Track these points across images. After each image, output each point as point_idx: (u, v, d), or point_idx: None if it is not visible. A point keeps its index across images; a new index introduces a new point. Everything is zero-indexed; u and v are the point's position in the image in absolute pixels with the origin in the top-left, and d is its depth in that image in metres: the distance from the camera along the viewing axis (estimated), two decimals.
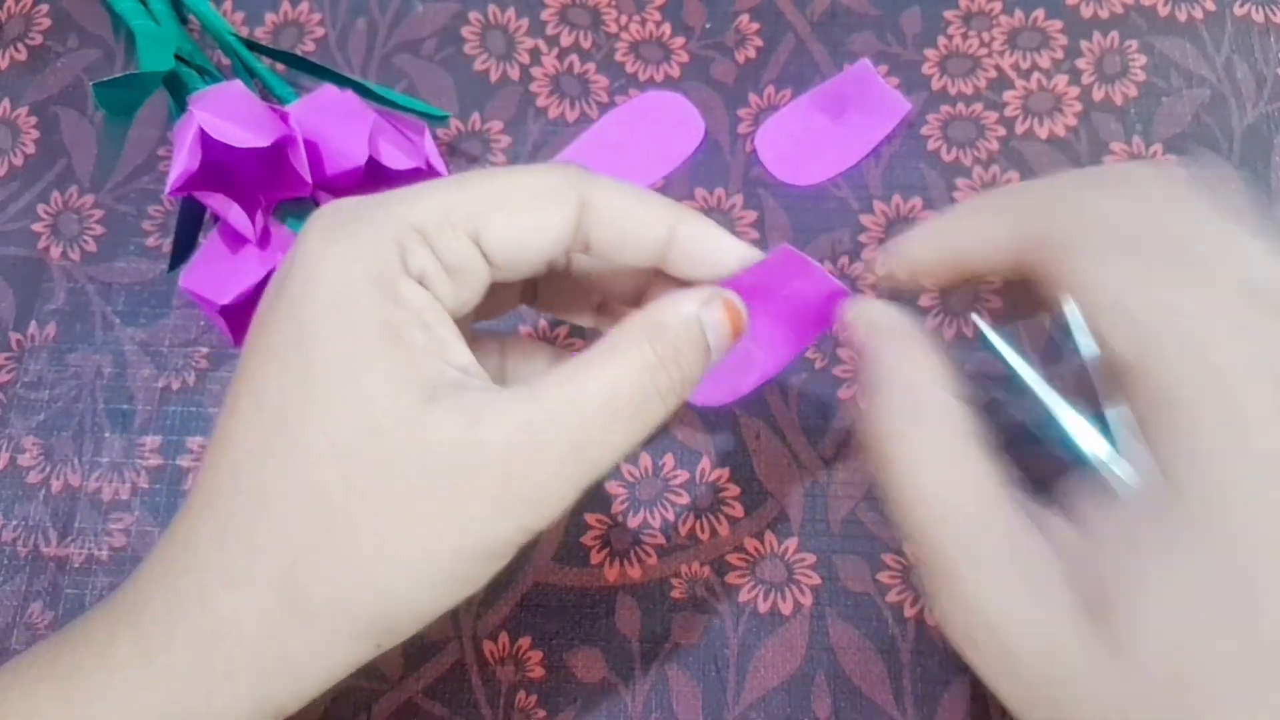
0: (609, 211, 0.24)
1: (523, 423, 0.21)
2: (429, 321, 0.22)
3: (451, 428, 0.21)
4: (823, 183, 0.40)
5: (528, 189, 0.23)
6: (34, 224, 0.40)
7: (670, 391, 0.22)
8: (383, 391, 0.21)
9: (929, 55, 0.42)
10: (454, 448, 0.21)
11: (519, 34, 0.43)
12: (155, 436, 0.37)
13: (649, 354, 0.22)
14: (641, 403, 0.22)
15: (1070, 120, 0.41)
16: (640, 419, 0.22)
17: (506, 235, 0.23)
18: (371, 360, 0.21)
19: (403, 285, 0.22)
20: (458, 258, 0.23)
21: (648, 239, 0.24)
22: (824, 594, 0.35)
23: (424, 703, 0.34)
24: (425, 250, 0.22)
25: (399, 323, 0.21)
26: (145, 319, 0.39)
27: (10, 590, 0.36)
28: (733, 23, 0.43)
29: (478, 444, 0.21)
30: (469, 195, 0.23)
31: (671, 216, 0.24)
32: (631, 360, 0.22)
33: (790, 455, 0.37)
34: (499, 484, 0.21)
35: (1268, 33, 0.42)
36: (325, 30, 0.43)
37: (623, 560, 0.36)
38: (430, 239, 0.22)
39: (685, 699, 0.34)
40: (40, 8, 0.43)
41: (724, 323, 0.24)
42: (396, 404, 0.21)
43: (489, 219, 0.23)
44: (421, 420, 0.21)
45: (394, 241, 0.22)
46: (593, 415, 0.21)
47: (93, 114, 0.42)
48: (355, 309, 0.21)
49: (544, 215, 0.23)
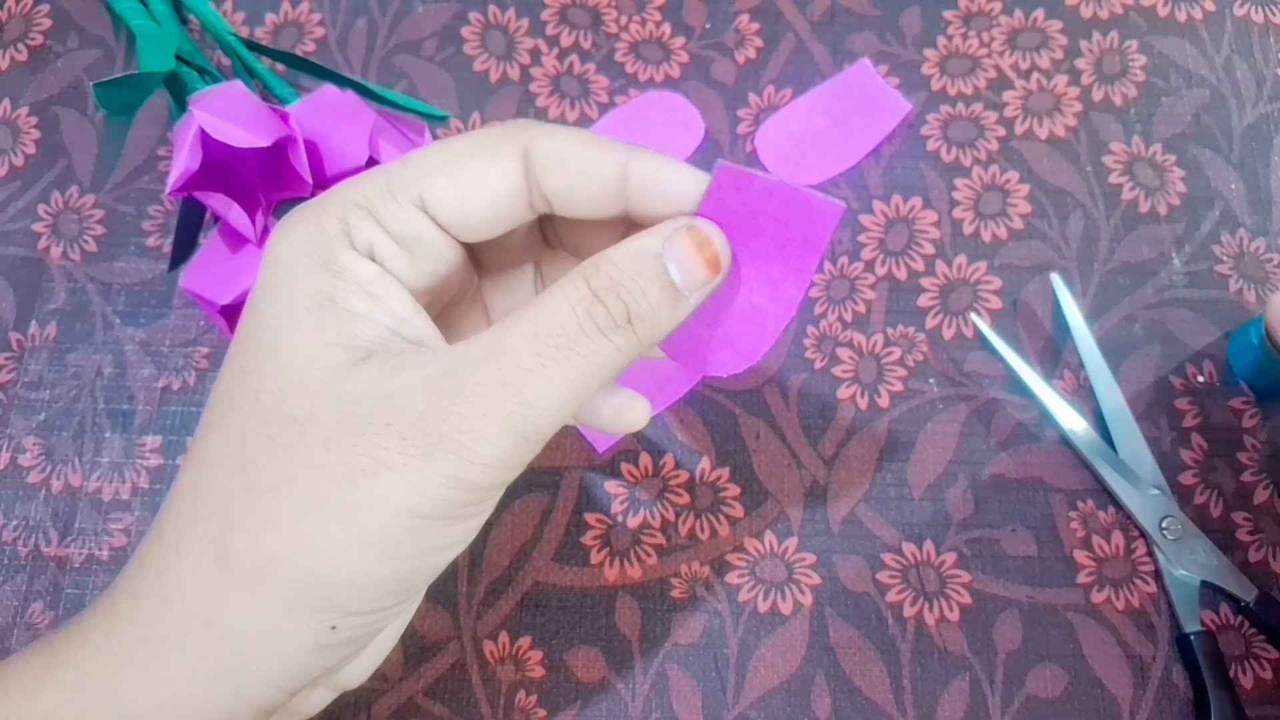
0: (555, 157, 0.23)
1: (443, 370, 0.21)
2: (377, 293, 0.22)
3: (371, 380, 0.21)
4: (823, 183, 0.40)
5: (465, 149, 0.23)
6: (34, 224, 0.40)
7: (612, 326, 0.21)
8: (309, 353, 0.21)
9: (929, 55, 0.42)
10: (369, 398, 0.20)
11: (519, 34, 0.43)
12: (155, 436, 0.37)
13: (582, 288, 0.21)
14: (575, 335, 0.21)
15: (1070, 120, 0.41)
16: (577, 355, 0.21)
17: (449, 196, 0.23)
18: (302, 324, 0.21)
19: (344, 257, 0.22)
20: (405, 226, 0.23)
21: (600, 181, 0.23)
22: (824, 594, 0.35)
23: (424, 703, 0.34)
24: (370, 223, 0.23)
25: (335, 292, 0.22)
26: (145, 319, 0.39)
27: (10, 590, 0.36)
28: (733, 23, 0.43)
29: (393, 392, 0.20)
30: (411, 165, 0.23)
31: (620, 154, 0.23)
32: (564, 296, 0.21)
33: (790, 455, 0.37)
34: (414, 430, 0.20)
35: (1268, 33, 0.42)
36: (325, 30, 0.43)
37: (623, 560, 0.36)
38: (375, 212, 0.23)
39: (685, 699, 0.34)
40: (40, 8, 0.43)
41: (690, 253, 0.22)
42: (321, 364, 0.21)
43: (430, 183, 0.23)
44: (345, 376, 0.21)
45: (336, 219, 0.22)
46: (517, 351, 0.21)
47: (93, 114, 0.42)
48: (292, 281, 0.22)
49: (485, 170, 0.23)
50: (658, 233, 0.23)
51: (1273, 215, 0.39)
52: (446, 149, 0.23)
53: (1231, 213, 0.39)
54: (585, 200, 0.23)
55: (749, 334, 0.24)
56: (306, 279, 0.22)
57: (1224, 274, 0.39)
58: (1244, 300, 0.38)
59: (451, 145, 0.23)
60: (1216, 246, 0.39)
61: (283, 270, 0.22)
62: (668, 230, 0.23)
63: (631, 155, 0.23)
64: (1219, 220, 0.39)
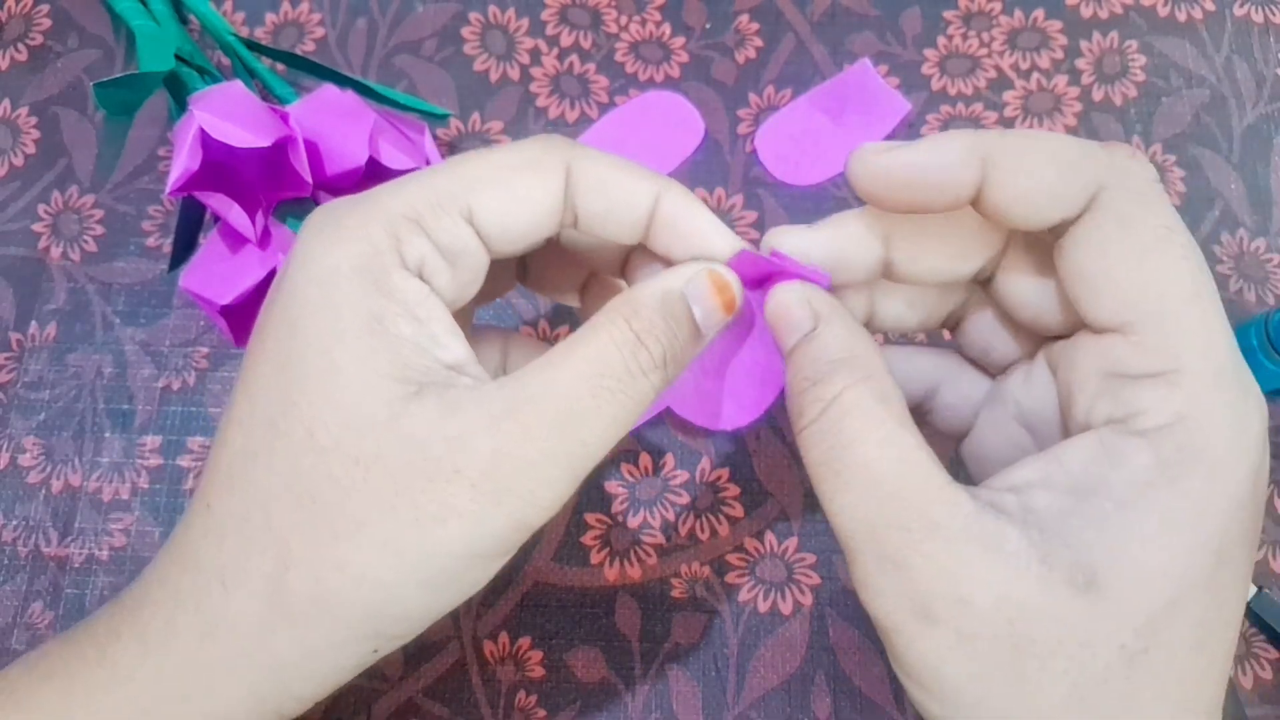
0: (595, 180, 0.23)
1: (503, 410, 0.21)
2: (421, 315, 0.22)
3: (432, 421, 0.21)
4: (823, 183, 0.40)
5: (513, 163, 0.23)
6: (34, 224, 0.40)
7: (652, 367, 0.22)
8: (365, 385, 0.21)
9: (929, 55, 0.42)
10: (434, 440, 0.20)
11: (519, 34, 0.43)
12: (155, 436, 0.37)
13: (625, 329, 0.22)
14: (623, 375, 0.21)
15: (1070, 120, 0.41)
16: (624, 395, 0.21)
17: (497, 209, 0.23)
18: (355, 354, 0.21)
19: (395, 276, 0.22)
20: (454, 239, 0.23)
21: (635, 208, 0.24)
22: (824, 594, 0.35)
23: (424, 703, 0.34)
24: (421, 238, 0.22)
25: (386, 315, 0.21)
26: (145, 319, 0.39)
27: (10, 590, 0.36)
28: (733, 23, 0.43)
29: (458, 435, 0.20)
30: (457, 176, 0.23)
31: (656, 185, 0.24)
32: (610, 337, 0.22)
33: (790, 455, 0.37)
34: (482, 475, 0.20)
35: (1268, 33, 0.42)
36: (325, 30, 0.43)
37: (623, 560, 0.36)
38: (424, 224, 0.22)
39: (685, 699, 0.34)
40: (40, 8, 0.43)
41: (710, 296, 0.23)
42: (379, 398, 0.21)
43: (480, 196, 0.23)
44: (403, 414, 0.21)
45: (386, 233, 0.22)
46: (574, 393, 0.21)
47: (93, 114, 0.42)
48: (341, 303, 0.21)
49: (532, 186, 0.23)
50: (680, 275, 0.23)
51: (1273, 215, 0.39)
52: (490, 161, 0.23)
53: (1231, 213, 0.39)
54: (614, 224, 0.24)
55: (756, 389, 0.26)
56: (358, 301, 0.21)
57: (1224, 274, 0.39)
58: (1244, 300, 0.38)
59: (495, 157, 0.23)
60: (1216, 246, 0.39)
61: (330, 290, 0.21)
62: (689, 273, 0.23)
63: (664, 189, 0.23)
64: (1219, 220, 0.39)
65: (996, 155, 0.20)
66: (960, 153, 0.20)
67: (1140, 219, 0.20)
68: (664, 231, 0.24)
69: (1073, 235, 0.20)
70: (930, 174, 0.21)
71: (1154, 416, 0.19)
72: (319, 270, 0.21)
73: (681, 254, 0.24)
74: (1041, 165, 0.20)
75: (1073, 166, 0.20)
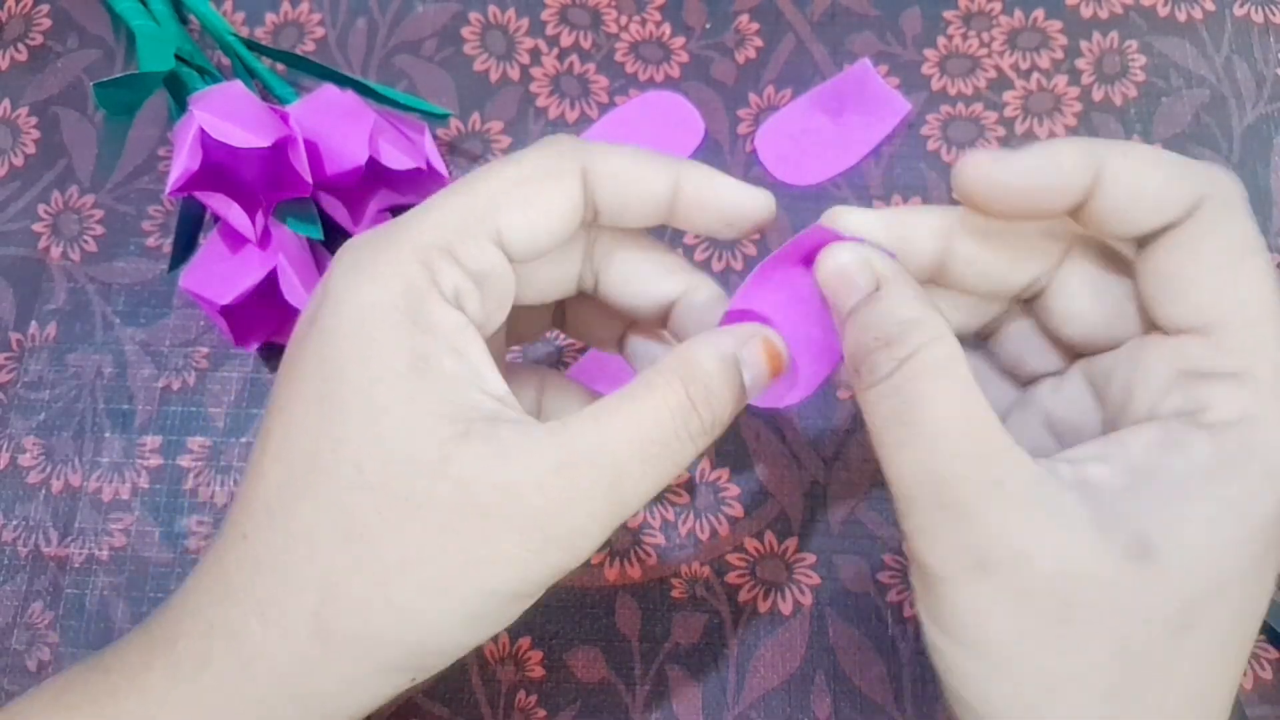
0: (610, 175, 0.23)
1: (556, 464, 0.21)
2: (461, 347, 0.22)
3: (483, 465, 0.21)
4: (823, 183, 0.40)
5: (533, 175, 0.23)
6: (34, 224, 0.40)
7: (701, 433, 0.22)
8: (414, 425, 0.21)
9: (929, 55, 0.42)
10: (485, 486, 0.21)
11: (519, 34, 0.43)
12: (155, 436, 0.37)
13: (681, 395, 0.22)
14: (673, 443, 0.22)
15: (1070, 120, 0.41)
16: (671, 460, 0.22)
17: (524, 226, 0.23)
18: (401, 394, 0.21)
19: (434, 309, 0.22)
20: (483, 263, 0.23)
21: (651, 196, 0.24)
22: (824, 594, 0.35)
23: (424, 703, 0.34)
24: (454, 266, 0.22)
25: (429, 352, 0.21)
26: (145, 319, 0.39)
27: (10, 590, 0.36)
28: (733, 23, 0.43)
29: (510, 485, 0.21)
30: (480, 198, 0.23)
31: (673, 170, 0.24)
32: (665, 401, 0.22)
33: (790, 455, 0.37)
34: (532, 526, 0.21)
35: (1268, 33, 0.42)
36: (325, 30, 0.43)
37: (623, 560, 0.36)
38: (456, 252, 0.22)
39: (685, 699, 0.34)
40: (40, 8, 0.43)
41: (761, 362, 0.23)
42: (430, 438, 0.21)
43: (506, 216, 0.23)
44: (453, 455, 0.21)
45: (421, 265, 0.22)
46: (625, 457, 0.21)
47: (93, 114, 0.42)
48: (383, 339, 0.21)
49: (553, 197, 0.23)
50: (735, 337, 0.23)
51: (1273, 215, 0.39)
52: (509, 176, 0.23)
53: None
54: (633, 214, 0.24)
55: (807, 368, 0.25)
56: (400, 339, 0.21)
57: None
58: None
59: (512, 172, 0.23)
60: None
61: (370, 327, 0.21)
62: (744, 335, 0.24)
63: (682, 170, 0.24)
64: None
65: (1109, 162, 0.21)
66: (1075, 160, 0.21)
67: (1232, 230, 0.21)
68: (692, 210, 0.24)
69: (1166, 239, 0.21)
70: (1046, 180, 0.21)
71: (1221, 412, 0.20)
72: (356, 309, 0.22)
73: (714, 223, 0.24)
74: (1153, 172, 0.21)
75: (1180, 175, 0.21)
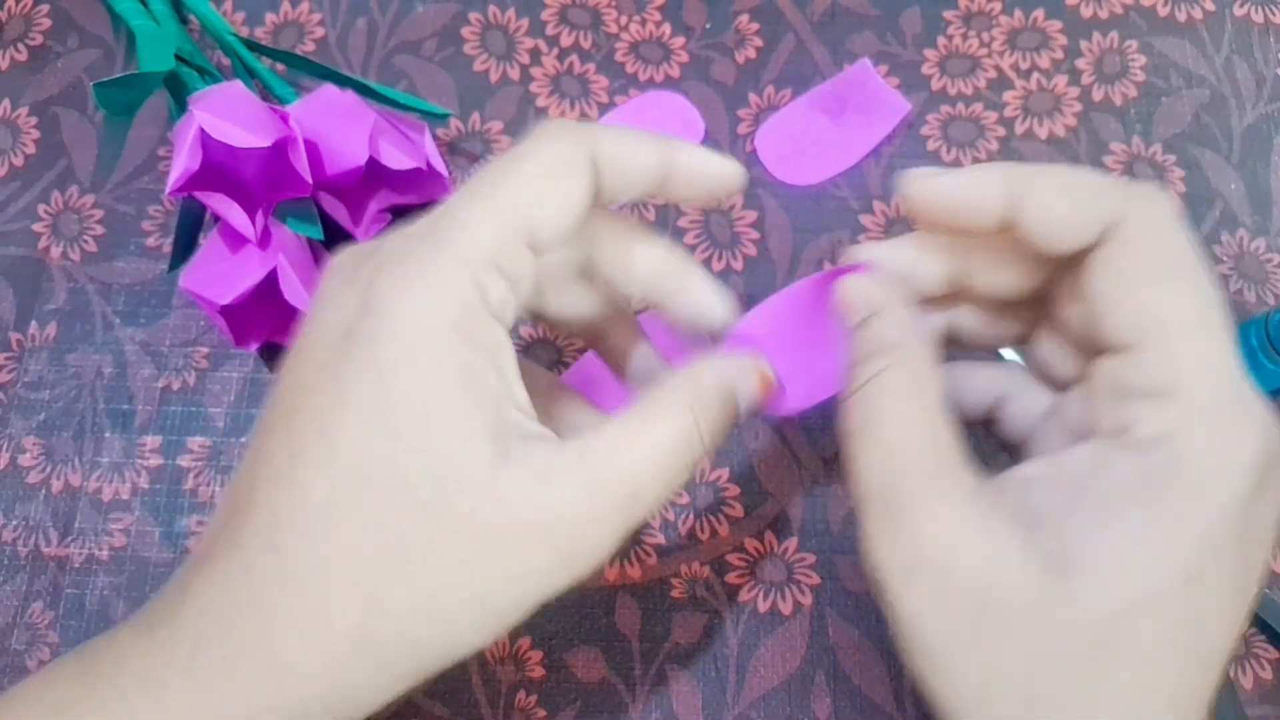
0: (611, 158, 0.24)
1: (585, 484, 0.22)
2: (502, 364, 0.23)
3: (525, 486, 0.22)
4: (823, 183, 0.40)
5: (554, 168, 0.23)
6: (34, 224, 0.40)
7: (703, 454, 0.24)
8: (464, 444, 0.22)
9: (929, 55, 0.42)
10: (525, 506, 0.22)
11: (519, 34, 0.43)
12: (155, 436, 0.37)
13: (690, 421, 0.23)
14: (679, 464, 0.23)
15: (1070, 120, 0.41)
16: (677, 479, 0.24)
17: (550, 223, 0.23)
18: (452, 411, 0.22)
19: (483, 325, 0.22)
20: (518, 268, 0.23)
21: (646, 172, 0.25)
22: (824, 594, 0.35)
23: (424, 703, 0.34)
24: (501, 279, 0.23)
25: (477, 369, 0.22)
26: (145, 319, 0.39)
27: (10, 590, 0.36)
28: (733, 23, 0.43)
29: (548, 504, 0.22)
30: (514, 200, 0.23)
31: (664, 149, 0.25)
32: (677, 427, 0.23)
33: (790, 455, 0.37)
34: (562, 542, 0.22)
35: (1268, 33, 0.42)
36: (325, 30, 0.43)
37: (623, 560, 0.36)
38: (502, 265, 0.23)
39: (685, 699, 0.34)
40: (40, 8, 0.43)
41: (755, 394, 0.25)
42: (478, 457, 0.22)
43: (540, 218, 0.23)
44: (499, 475, 0.22)
45: (471, 278, 0.22)
46: (642, 477, 0.23)
47: (93, 114, 0.42)
48: (439, 356, 0.22)
49: (573, 189, 0.24)
50: (735, 367, 0.25)
51: (1273, 215, 0.39)
52: (532, 172, 0.23)
53: (1231, 213, 0.39)
54: (625, 192, 0.25)
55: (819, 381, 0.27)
56: (454, 356, 0.22)
57: (1224, 274, 0.39)
58: (1244, 300, 0.38)
59: (533, 167, 0.23)
60: (1216, 246, 0.39)
61: (426, 344, 0.22)
62: (744, 367, 0.25)
63: (673, 150, 0.25)
64: (1219, 220, 0.39)
65: (1024, 186, 0.23)
66: (993, 183, 0.23)
67: (1151, 250, 0.22)
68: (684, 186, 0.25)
69: (1091, 261, 0.22)
70: (968, 200, 0.23)
71: (1145, 429, 0.21)
72: (412, 324, 0.22)
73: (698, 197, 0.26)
74: (1059, 197, 0.22)
75: (1094, 198, 0.22)
